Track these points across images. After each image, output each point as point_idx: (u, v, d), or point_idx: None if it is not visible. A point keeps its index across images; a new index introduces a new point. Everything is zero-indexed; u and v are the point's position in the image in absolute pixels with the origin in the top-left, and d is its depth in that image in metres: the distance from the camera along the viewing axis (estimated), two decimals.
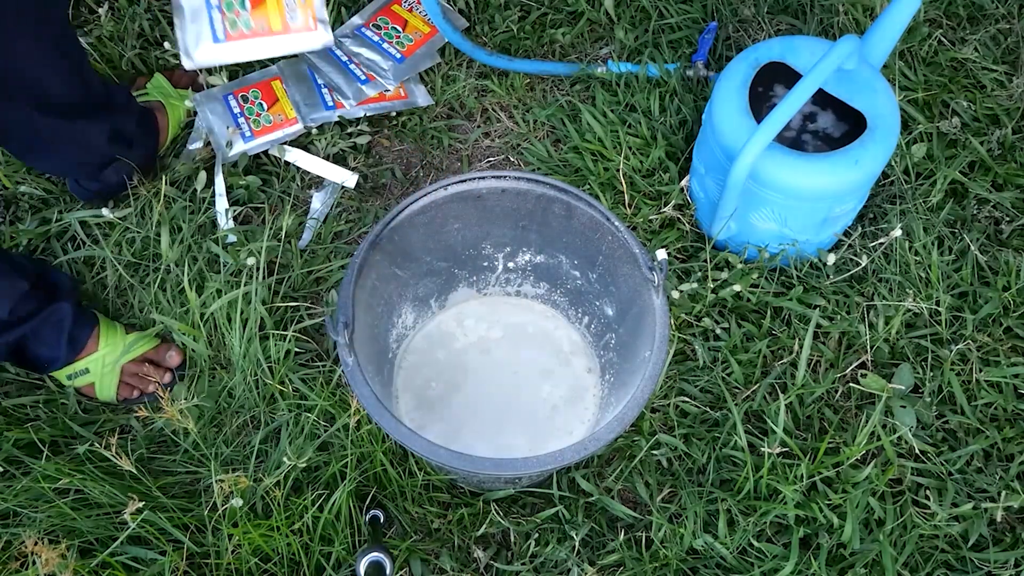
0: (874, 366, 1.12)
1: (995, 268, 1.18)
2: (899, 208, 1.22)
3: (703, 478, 1.04)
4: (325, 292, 1.18)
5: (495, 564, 1.01)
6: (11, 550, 0.96)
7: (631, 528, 1.02)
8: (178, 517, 0.98)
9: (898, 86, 1.32)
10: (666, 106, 1.32)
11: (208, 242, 1.19)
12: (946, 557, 1.00)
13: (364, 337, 0.92)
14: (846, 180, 1.03)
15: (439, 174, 1.32)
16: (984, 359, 1.12)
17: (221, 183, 1.24)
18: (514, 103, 1.37)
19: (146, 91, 1.28)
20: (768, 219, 1.10)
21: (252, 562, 0.96)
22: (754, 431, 1.07)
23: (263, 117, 1.29)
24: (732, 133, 1.06)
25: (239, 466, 1.04)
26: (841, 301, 1.15)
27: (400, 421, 0.80)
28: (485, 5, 1.45)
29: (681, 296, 1.13)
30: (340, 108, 1.32)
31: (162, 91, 1.27)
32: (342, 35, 1.40)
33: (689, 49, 1.40)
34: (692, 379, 1.11)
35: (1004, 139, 1.29)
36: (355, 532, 1.00)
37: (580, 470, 1.05)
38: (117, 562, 0.95)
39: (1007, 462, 1.06)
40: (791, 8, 1.44)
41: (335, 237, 1.24)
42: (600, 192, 1.24)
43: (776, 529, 1.02)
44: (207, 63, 1.03)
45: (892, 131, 1.05)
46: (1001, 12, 1.43)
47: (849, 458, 1.01)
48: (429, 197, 0.94)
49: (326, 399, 1.04)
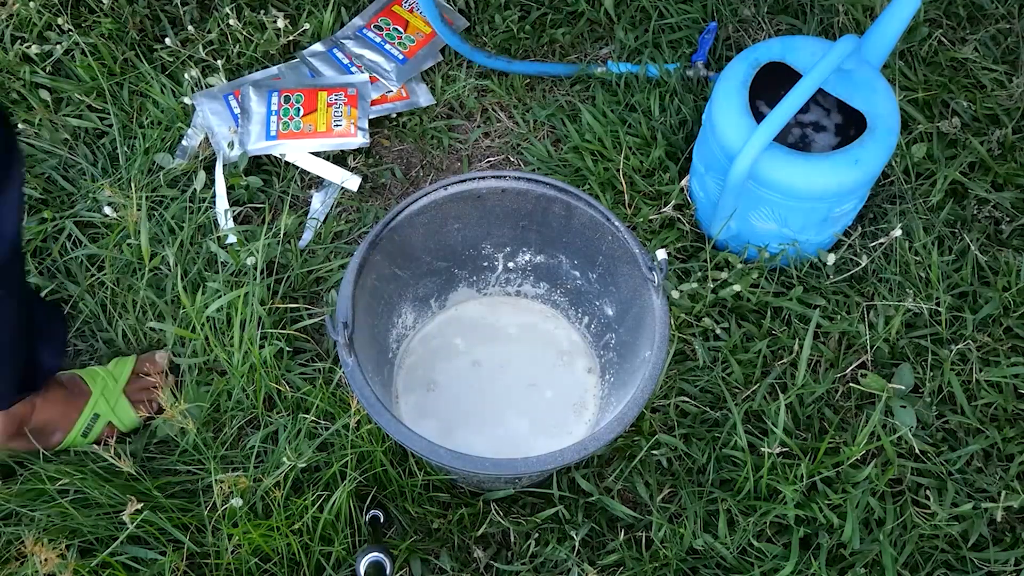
0: (874, 366, 1.12)
1: (995, 268, 1.18)
2: (899, 208, 1.22)
3: (703, 478, 1.04)
4: (325, 292, 1.18)
5: (495, 564, 1.01)
6: (11, 550, 0.96)
7: (631, 528, 1.02)
8: (178, 517, 0.98)
9: (898, 86, 1.32)
10: (666, 106, 1.32)
11: (208, 242, 1.19)
12: (946, 557, 1.00)
13: (364, 337, 0.92)
14: (846, 180, 1.03)
15: (439, 174, 1.33)
16: (984, 359, 1.12)
17: (221, 183, 1.24)
18: (514, 103, 1.37)
19: None
20: (768, 219, 1.10)
21: (252, 562, 0.96)
22: (754, 431, 1.07)
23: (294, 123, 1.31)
24: (732, 133, 1.06)
25: (239, 466, 1.04)
26: (841, 301, 1.15)
27: (400, 421, 0.80)
28: (485, 5, 1.45)
29: (681, 296, 1.13)
30: None
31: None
32: (343, 37, 1.40)
33: (689, 49, 1.40)
34: (692, 379, 1.11)
35: (1004, 139, 1.29)
36: (355, 532, 1.00)
37: (580, 470, 1.05)
38: (117, 562, 0.95)
39: (1007, 462, 1.06)
40: (791, 8, 1.44)
41: (335, 237, 1.24)
42: (600, 192, 1.24)
43: (776, 529, 1.02)
44: (256, 152, 1.28)
45: (892, 131, 1.05)
46: (1001, 12, 1.43)
47: (849, 458, 1.01)
48: (429, 197, 0.94)
49: (326, 399, 1.04)
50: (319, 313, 1.16)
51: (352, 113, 1.30)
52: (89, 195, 1.25)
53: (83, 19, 1.42)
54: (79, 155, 1.29)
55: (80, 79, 1.35)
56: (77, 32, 1.38)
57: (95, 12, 1.42)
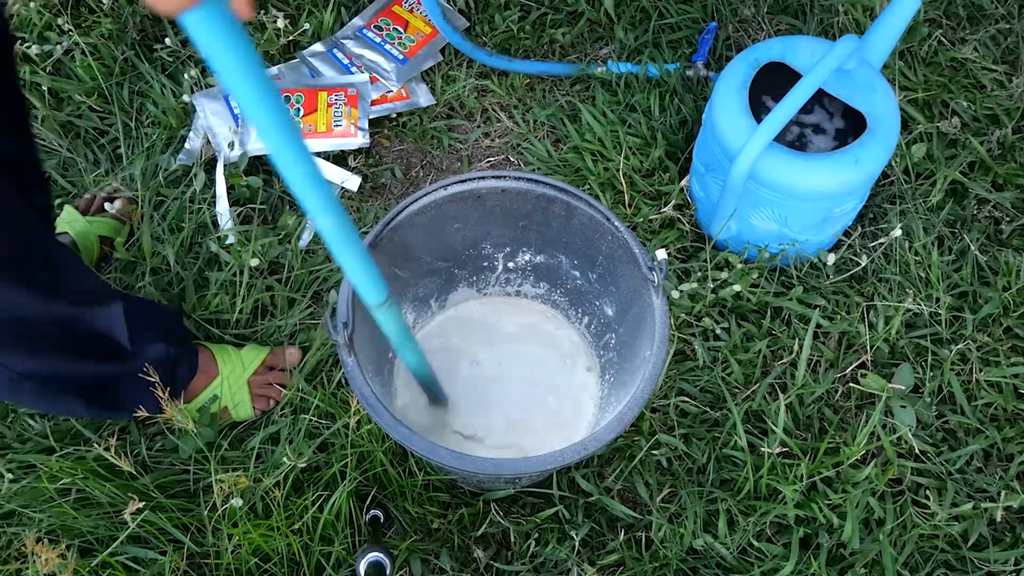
0: (874, 366, 1.12)
1: (995, 268, 1.18)
2: (899, 208, 1.22)
3: (703, 478, 1.04)
4: (325, 292, 1.18)
5: (495, 564, 1.01)
6: (11, 550, 0.97)
7: (631, 528, 1.02)
8: (178, 517, 0.98)
9: (898, 86, 1.32)
10: (666, 106, 1.32)
11: (208, 242, 1.19)
12: (946, 557, 1.00)
13: (364, 337, 0.92)
14: (846, 180, 1.03)
15: (439, 174, 1.33)
16: (984, 359, 1.12)
17: (221, 183, 1.24)
18: (514, 103, 1.37)
19: (54, 226, 1.17)
20: (768, 219, 1.10)
21: (252, 562, 0.96)
22: (754, 431, 1.07)
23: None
24: (732, 133, 1.06)
25: (239, 466, 1.04)
26: (841, 301, 1.15)
27: (400, 421, 0.80)
28: (485, 5, 1.45)
29: (681, 296, 1.13)
30: None
31: (70, 223, 1.18)
32: (343, 37, 1.40)
33: (689, 49, 1.40)
34: (692, 379, 1.11)
35: (1004, 139, 1.29)
36: (355, 532, 1.00)
37: (580, 470, 1.05)
38: (117, 562, 0.95)
39: (1007, 462, 1.06)
40: (791, 8, 1.44)
41: None
42: (600, 192, 1.24)
43: (776, 529, 1.02)
44: (256, 152, 1.28)
45: (892, 131, 1.05)
46: (1001, 12, 1.43)
47: (849, 458, 1.01)
48: (429, 197, 0.94)
49: (326, 399, 1.04)
50: (319, 313, 1.16)
51: (352, 113, 1.30)
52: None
53: (83, 19, 1.42)
54: (79, 154, 1.29)
55: (80, 79, 1.35)
56: (77, 32, 1.38)
57: (95, 12, 1.42)
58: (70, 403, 0.93)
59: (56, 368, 0.89)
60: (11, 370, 0.86)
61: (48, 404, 0.94)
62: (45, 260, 0.83)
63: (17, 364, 0.86)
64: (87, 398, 0.94)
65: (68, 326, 0.88)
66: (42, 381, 0.89)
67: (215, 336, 1.12)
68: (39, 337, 0.86)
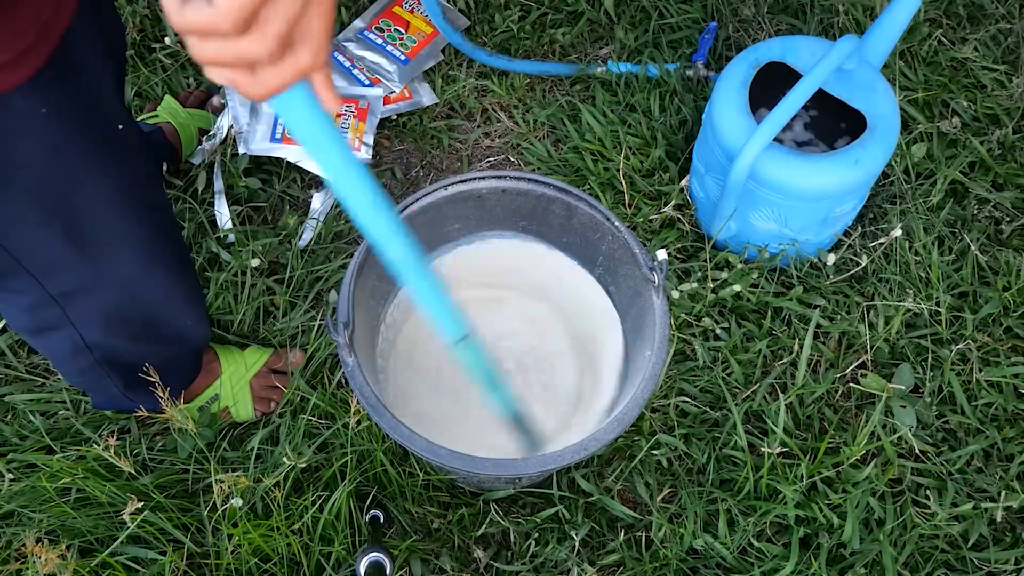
0: (874, 366, 1.12)
1: (995, 268, 1.18)
2: (899, 208, 1.22)
3: (703, 478, 1.04)
4: (325, 292, 1.18)
5: (495, 564, 1.01)
6: (11, 550, 0.96)
7: (631, 528, 1.02)
8: (178, 517, 0.98)
9: (898, 86, 1.32)
10: (666, 106, 1.32)
11: (208, 242, 1.19)
12: (946, 557, 1.00)
13: (364, 337, 0.92)
14: (846, 180, 1.03)
15: (439, 174, 1.32)
16: (984, 359, 1.12)
17: (221, 183, 1.24)
18: (514, 103, 1.37)
19: (156, 114, 1.26)
20: (768, 219, 1.10)
21: (252, 562, 0.96)
22: (754, 431, 1.07)
23: None
24: (732, 133, 1.06)
25: (239, 466, 1.04)
26: (841, 301, 1.15)
27: (400, 421, 0.80)
28: (485, 5, 1.45)
29: (681, 296, 1.13)
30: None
31: (172, 112, 1.25)
32: (344, 39, 1.40)
33: (689, 49, 1.40)
34: (692, 379, 1.11)
35: (1004, 139, 1.29)
36: (355, 532, 1.00)
37: (580, 470, 1.05)
38: (117, 562, 0.95)
39: (1007, 462, 1.06)
40: (791, 8, 1.44)
41: (335, 237, 1.24)
42: (600, 192, 1.24)
43: (776, 529, 1.02)
44: (258, 152, 1.25)
45: (892, 131, 1.05)
46: (1001, 12, 1.43)
47: (849, 458, 1.01)
48: (429, 197, 0.94)
49: (326, 399, 1.04)
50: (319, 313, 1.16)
51: (359, 127, 1.29)
52: None
53: None
54: None
55: None
56: None
57: None
58: (110, 385, 0.94)
59: (118, 347, 0.89)
60: (82, 339, 0.85)
61: (90, 380, 0.94)
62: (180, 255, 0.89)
63: (89, 335, 0.85)
64: (127, 380, 0.94)
65: (152, 314, 0.89)
66: (101, 356, 0.89)
67: (217, 336, 1.12)
68: (123, 314, 0.86)
